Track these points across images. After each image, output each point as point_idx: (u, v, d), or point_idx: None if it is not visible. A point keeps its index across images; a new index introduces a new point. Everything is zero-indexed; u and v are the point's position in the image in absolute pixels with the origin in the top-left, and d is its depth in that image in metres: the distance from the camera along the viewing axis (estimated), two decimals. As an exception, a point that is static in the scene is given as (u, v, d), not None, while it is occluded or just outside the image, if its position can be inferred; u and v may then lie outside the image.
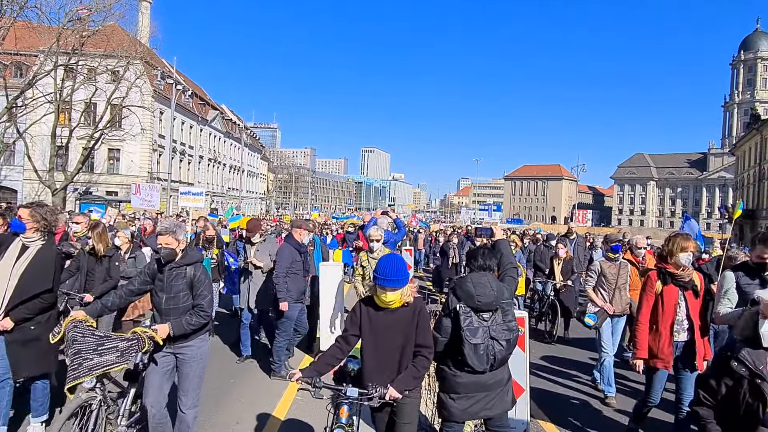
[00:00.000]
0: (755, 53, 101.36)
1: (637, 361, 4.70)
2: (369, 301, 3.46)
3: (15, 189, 39.92)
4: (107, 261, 6.30)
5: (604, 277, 6.69)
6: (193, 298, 4.15)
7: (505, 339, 3.52)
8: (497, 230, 4.88)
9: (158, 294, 4.17)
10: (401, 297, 3.34)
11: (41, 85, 28.77)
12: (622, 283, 6.66)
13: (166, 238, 4.10)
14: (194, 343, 4.19)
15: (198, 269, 4.19)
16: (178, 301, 4.13)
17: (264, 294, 7.38)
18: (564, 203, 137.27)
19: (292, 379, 3.45)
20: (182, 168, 52.27)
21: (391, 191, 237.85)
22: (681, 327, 4.62)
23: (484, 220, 49.05)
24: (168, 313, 4.12)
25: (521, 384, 4.52)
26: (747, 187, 61.23)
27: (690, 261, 4.59)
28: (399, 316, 3.39)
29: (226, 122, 66.17)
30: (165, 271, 4.14)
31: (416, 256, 22.39)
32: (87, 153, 32.04)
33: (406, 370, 3.37)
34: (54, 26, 28.01)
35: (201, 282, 4.15)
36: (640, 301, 4.80)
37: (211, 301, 4.20)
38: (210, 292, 4.22)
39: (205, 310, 4.12)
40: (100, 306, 4.16)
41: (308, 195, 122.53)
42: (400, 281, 3.29)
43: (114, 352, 3.68)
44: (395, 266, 3.29)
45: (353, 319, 3.47)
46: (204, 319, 4.13)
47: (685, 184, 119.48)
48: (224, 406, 5.82)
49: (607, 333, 6.56)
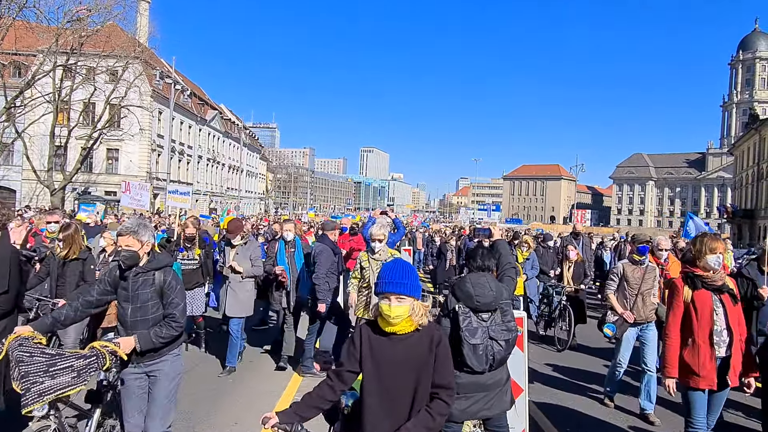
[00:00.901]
0: (754, 53, 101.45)
1: (668, 381, 4.08)
2: (372, 326, 2.71)
3: (14, 189, 39.88)
4: (80, 264, 5.83)
5: (626, 281, 6.03)
6: (164, 308, 3.67)
7: (504, 339, 3.52)
8: (496, 230, 4.90)
9: (122, 305, 3.67)
10: (412, 316, 2.59)
11: (40, 84, 28.77)
12: (646, 289, 5.98)
13: (127, 239, 3.59)
14: (166, 359, 3.71)
15: (168, 274, 3.71)
16: (146, 311, 3.64)
17: (239, 301, 6.99)
18: (563, 203, 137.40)
19: (266, 425, 2.70)
20: (181, 168, 52.22)
21: (390, 191, 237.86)
22: (720, 339, 4.00)
23: (483, 220, 49.07)
24: (135, 326, 3.62)
25: (520, 384, 4.52)
26: (745, 187, 61.29)
27: (720, 263, 4.12)
28: (411, 345, 2.62)
29: (225, 122, 66.12)
30: (129, 277, 3.64)
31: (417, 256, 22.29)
32: (86, 153, 32.03)
33: (418, 417, 2.60)
34: (53, 26, 28.02)
35: (172, 288, 3.67)
36: (667, 312, 4.28)
37: (184, 310, 3.75)
38: (183, 299, 3.74)
39: (177, 321, 3.65)
40: (51, 320, 3.61)
41: (307, 195, 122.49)
42: (410, 287, 2.59)
43: (69, 373, 3.20)
44: (404, 270, 2.64)
45: (350, 351, 2.69)
46: (176, 331, 3.65)
47: (684, 184, 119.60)
48: (223, 407, 5.82)
49: (627, 345, 5.98)
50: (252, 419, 5.48)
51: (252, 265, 7.04)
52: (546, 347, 9.22)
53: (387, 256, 6.12)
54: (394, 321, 2.56)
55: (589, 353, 8.89)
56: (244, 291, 7.05)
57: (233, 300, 6.98)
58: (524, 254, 9.98)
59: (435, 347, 2.64)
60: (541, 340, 9.56)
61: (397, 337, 2.62)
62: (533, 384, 6.58)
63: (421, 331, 2.64)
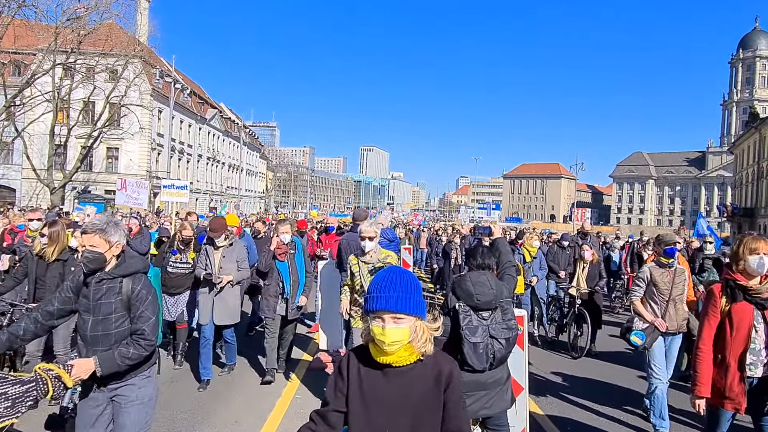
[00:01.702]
0: (754, 52, 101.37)
1: (698, 401, 3.67)
2: (362, 356, 2.08)
3: (13, 188, 39.87)
4: (61, 266, 5.37)
5: (655, 286, 5.47)
6: (131, 322, 3.12)
7: (504, 337, 3.52)
8: (496, 229, 4.90)
9: (83, 315, 3.15)
10: (413, 342, 1.98)
11: (40, 83, 28.77)
12: (677, 295, 5.46)
13: (92, 238, 3.07)
14: (135, 382, 3.17)
15: (138, 282, 3.15)
16: (109, 325, 3.10)
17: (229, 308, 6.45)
18: (563, 202, 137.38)
19: None
20: (181, 167, 52.18)
21: (390, 190, 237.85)
22: (758, 358, 3.55)
23: (483, 218, 49.16)
24: (96, 342, 3.09)
25: (520, 383, 4.52)
26: (745, 186, 61.28)
27: (765, 266, 3.57)
28: (411, 381, 2.02)
29: (225, 121, 66.08)
30: (91, 284, 3.11)
31: (418, 255, 22.10)
32: (85, 152, 32.04)
33: None
34: (52, 25, 28.01)
35: (142, 299, 3.11)
36: (701, 322, 3.85)
37: (156, 326, 3.17)
38: (155, 312, 3.18)
39: (147, 338, 3.09)
40: (7, 335, 3.11)
41: (307, 194, 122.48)
42: (410, 303, 1.96)
43: (2, 401, 2.69)
44: (402, 280, 2.00)
45: (337, 385, 2.10)
46: (145, 350, 3.09)
47: (684, 182, 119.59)
48: (223, 406, 5.82)
49: (659, 354, 5.43)
50: (252, 419, 5.47)
51: (238, 268, 6.48)
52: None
53: (380, 258, 5.35)
54: (390, 349, 1.93)
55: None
56: (233, 296, 6.55)
57: (222, 307, 6.37)
58: (532, 252, 9.43)
59: (444, 386, 2.03)
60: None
61: (393, 371, 2.00)
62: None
63: (425, 362, 2.02)
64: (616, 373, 7.66)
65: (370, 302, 1.98)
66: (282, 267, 6.53)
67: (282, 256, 6.48)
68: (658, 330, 5.36)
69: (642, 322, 5.46)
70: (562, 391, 6.70)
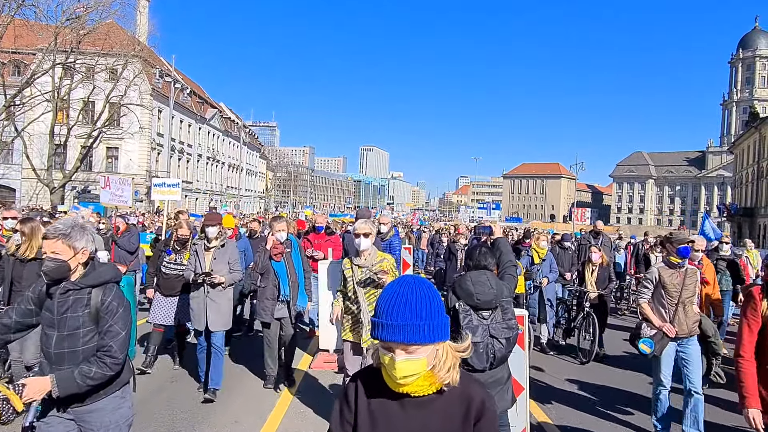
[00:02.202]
0: (754, 51, 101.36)
1: (751, 411, 3.35)
2: (373, 380, 1.71)
3: (13, 187, 39.88)
4: (38, 265, 4.70)
5: (664, 288, 5.11)
6: (99, 337, 2.77)
7: (504, 337, 3.52)
8: (497, 228, 4.89)
9: (47, 331, 2.81)
10: (436, 370, 1.62)
11: (39, 83, 28.76)
12: (688, 297, 5.10)
13: (54, 243, 2.73)
14: (103, 405, 2.83)
15: (109, 293, 2.82)
16: (75, 341, 2.75)
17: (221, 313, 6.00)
18: (563, 202, 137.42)
19: None
20: (181, 166, 52.19)
21: (390, 190, 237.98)
22: None
23: (483, 218, 49.20)
24: (61, 361, 2.74)
25: (521, 382, 4.52)
26: (745, 185, 61.28)
27: None
28: (434, 413, 1.68)
29: (225, 120, 66.10)
30: (55, 295, 2.76)
31: (419, 255, 21.92)
32: (85, 151, 32.03)
33: None
34: (52, 24, 28.00)
35: (111, 312, 2.78)
36: (740, 328, 3.65)
37: (125, 343, 2.83)
38: (126, 327, 2.84)
39: (114, 356, 2.74)
40: None
41: (307, 193, 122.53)
42: (427, 330, 1.57)
43: None
44: (417, 300, 1.58)
45: (342, 415, 1.77)
46: (111, 369, 2.75)
47: (684, 182, 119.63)
48: (223, 405, 5.81)
49: (668, 362, 5.11)
50: (252, 418, 5.47)
51: (230, 270, 6.04)
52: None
53: (375, 260, 4.86)
54: (404, 382, 1.58)
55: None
56: (226, 301, 6.08)
57: (215, 313, 5.92)
58: (541, 254, 9.00)
59: (474, 419, 1.69)
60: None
61: (411, 401, 1.65)
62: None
63: (450, 392, 1.66)
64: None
65: (377, 330, 1.59)
66: (279, 267, 6.15)
67: (278, 256, 6.14)
68: (667, 336, 5.04)
69: (650, 327, 5.16)
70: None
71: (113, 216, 11.13)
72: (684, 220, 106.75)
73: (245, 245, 8.41)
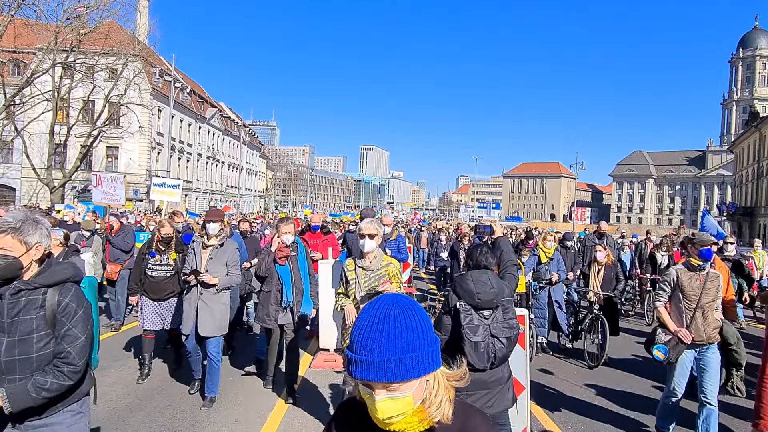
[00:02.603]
0: (754, 51, 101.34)
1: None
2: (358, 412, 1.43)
3: (13, 187, 39.87)
4: None
5: (682, 291, 4.83)
6: (56, 343, 2.51)
7: (505, 336, 3.51)
8: (497, 228, 4.88)
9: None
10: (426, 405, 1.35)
11: (39, 82, 28.73)
12: (707, 302, 4.78)
13: (3, 239, 2.48)
14: (60, 419, 2.58)
15: (67, 293, 2.55)
16: (28, 347, 2.48)
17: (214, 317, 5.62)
18: (563, 201, 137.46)
19: None
20: (181, 166, 52.19)
21: (390, 189, 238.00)
22: None
23: (483, 217, 49.19)
24: (13, 369, 2.47)
25: (522, 382, 4.51)
26: (746, 185, 61.31)
27: None
28: None
29: (225, 120, 66.09)
30: (6, 296, 2.49)
31: (420, 255, 21.79)
32: (85, 151, 31.98)
33: None
34: (52, 24, 27.97)
35: (69, 315, 2.51)
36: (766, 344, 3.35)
37: (85, 349, 2.57)
38: (86, 331, 2.57)
39: (72, 364, 2.49)
40: None
41: (307, 193, 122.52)
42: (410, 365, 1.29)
43: None
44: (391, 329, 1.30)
45: None
46: (69, 379, 2.50)
47: (684, 181, 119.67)
48: (223, 404, 5.80)
49: (682, 371, 4.83)
50: (252, 418, 5.46)
51: (228, 272, 5.66)
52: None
53: (381, 264, 4.49)
54: (388, 422, 1.31)
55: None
56: (220, 304, 5.68)
57: (207, 316, 5.56)
58: (548, 253, 8.74)
59: None
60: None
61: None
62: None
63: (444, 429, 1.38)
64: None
65: (351, 366, 1.30)
66: (283, 272, 5.78)
67: (283, 260, 5.78)
68: (682, 342, 4.77)
69: (665, 333, 4.88)
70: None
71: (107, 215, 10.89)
72: (684, 220, 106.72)
73: (239, 242, 8.01)
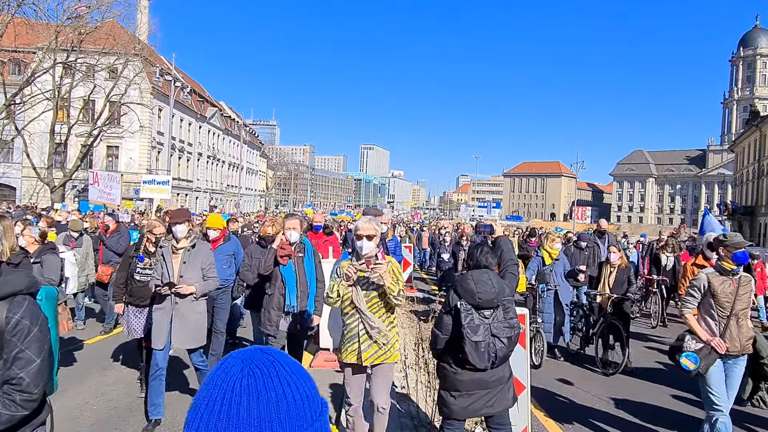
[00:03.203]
0: (754, 50, 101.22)
1: None
2: None
3: (13, 186, 39.88)
4: None
5: (714, 297, 4.50)
6: (4, 366, 2.08)
7: (506, 336, 3.51)
8: (498, 227, 4.89)
9: None
10: None
11: (40, 82, 28.77)
12: (741, 309, 4.46)
13: None
14: None
15: (18, 308, 2.11)
16: None
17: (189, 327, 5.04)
18: (563, 200, 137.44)
19: None
20: (181, 165, 52.18)
21: (390, 188, 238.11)
22: None
23: (483, 217, 49.20)
24: None
25: (522, 381, 4.51)
26: (746, 184, 61.27)
27: None
28: None
29: (225, 119, 66.07)
30: None
31: (421, 255, 21.52)
32: (86, 150, 32.03)
33: None
34: (52, 23, 28.01)
35: (21, 334, 2.09)
36: None
37: (42, 372, 2.14)
38: (42, 352, 2.14)
39: (26, 390, 2.08)
40: None
41: (307, 192, 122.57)
42: None
43: None
44: (244, 409, 0.80)
45: None
46: (22, 408, 2.09)
47: (685, 181, 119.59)
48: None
49: (717, 380, 4.45)
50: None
51: (204, 276, 5.06)
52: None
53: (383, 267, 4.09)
54: None
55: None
56: (195, 314, 5.09)
57: (181, 326, 4.98)
58: (553, 254, 8.33)
59: None
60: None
61: None
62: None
63: None
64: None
65: None
66: (287, 273, 5.33)
67: (285, 259, 5.31)
68: (715, 352, 4.42)
69: (695, 341, 4.50)
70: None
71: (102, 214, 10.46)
72: (684, 219, 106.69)
73: (235, 247, 7.26)
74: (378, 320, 3.96)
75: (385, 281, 3.81)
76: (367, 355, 4.00)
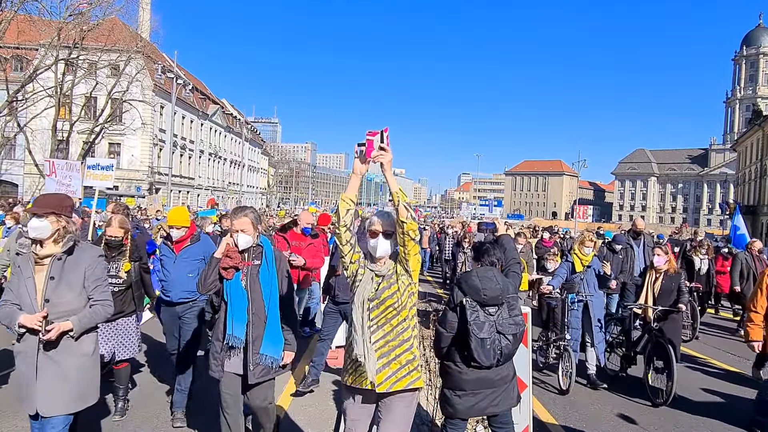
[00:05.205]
0: (757, 49, 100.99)
1: None
2: None
3: (16, 183, 39.96)
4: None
5: None
6: None
7: (511, 333, 3.50)
8: (500, 225, 4.88)
9: None
10: None
11: (42, 78, 28.78)
12: None
13: None
14: None
15: None
16: None
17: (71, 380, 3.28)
18: (565, 199, 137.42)
19: None
20: (183, 162, 52.22)
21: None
22: None
23: (485, 215, 49.15)
24: None
25: (524, 380, 4.51)
26: (748, 183, 61.21)
27: None
28: None
29: (227, 117, 66.08)
30: None
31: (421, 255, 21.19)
32: (88, 147, 32.05)
33: None
34: (55, 20, 28.01)
35: None
36: None
37: None
38: None
39: None
40: None
41: (309, 190, 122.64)
42: None
43: None
44: None
45: None
46: None
47: (686, 180, 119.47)
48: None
49: None
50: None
51: (89, 299, 3.32)
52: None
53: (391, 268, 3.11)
54: None
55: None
56: (77, 357, 3.34)
57: (55, 382, 3.26)
58: (585, 261, 6.96)
59: None
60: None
61: None
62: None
63: None
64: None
65: None
66: (233, 291, 3.71)
67: (229, 272, 3.68)
68: None
69: None
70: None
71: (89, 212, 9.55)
72: (686, 218, 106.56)
73: (207, 249, 5.15)
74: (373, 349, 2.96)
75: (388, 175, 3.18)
76: (382, 378, 2.98)
